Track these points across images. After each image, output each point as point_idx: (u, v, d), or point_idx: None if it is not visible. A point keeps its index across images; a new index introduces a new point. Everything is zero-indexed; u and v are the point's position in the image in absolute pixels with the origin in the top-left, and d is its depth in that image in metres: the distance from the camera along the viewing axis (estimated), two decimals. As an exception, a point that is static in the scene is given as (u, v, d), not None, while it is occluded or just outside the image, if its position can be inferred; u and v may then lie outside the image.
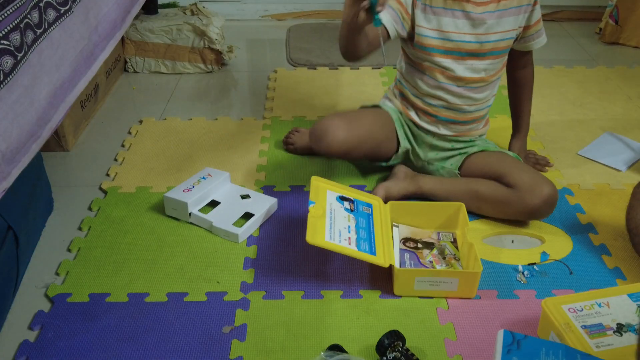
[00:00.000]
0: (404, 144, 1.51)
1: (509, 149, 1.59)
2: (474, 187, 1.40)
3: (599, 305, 1.09)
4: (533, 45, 1.43)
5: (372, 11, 1.14)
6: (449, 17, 1.35)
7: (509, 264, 1.29)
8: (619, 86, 2.06)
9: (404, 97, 1.51)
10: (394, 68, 2.11)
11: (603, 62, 2.26)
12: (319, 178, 1.34)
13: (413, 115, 1.49)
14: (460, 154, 1.48)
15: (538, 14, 1.39)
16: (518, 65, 1.50)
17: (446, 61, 1.38)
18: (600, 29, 2.46)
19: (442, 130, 1.47)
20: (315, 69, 2.19)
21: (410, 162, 1.55)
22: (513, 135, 1.60)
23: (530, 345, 0.90)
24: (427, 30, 1.37)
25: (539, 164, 1.61)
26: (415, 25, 1.37)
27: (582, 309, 1.08)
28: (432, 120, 1.47)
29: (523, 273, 1.26)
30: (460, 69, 1.39)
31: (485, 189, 1.38)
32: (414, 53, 1.42)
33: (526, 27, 1.40)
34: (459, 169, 1.46)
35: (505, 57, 1.44)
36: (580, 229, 1.40)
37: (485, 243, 1.36)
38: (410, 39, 1.40)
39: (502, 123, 1.72)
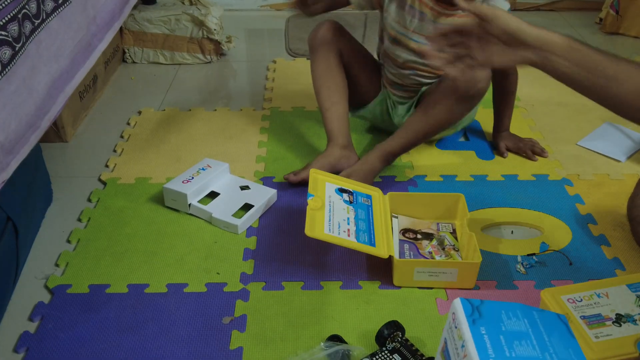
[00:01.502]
0: (383, 91, 1.59)
1: (495, 142, 1.64)
2: (418, 106, 1.47)
3: (598, 295, 1.09)
4: None
5: None
6: (411, 16, 1.42)
7: (508, 254, 1.30)
8: (619, 76, 2.06)
9: None
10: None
11: (603, 52, 2.25)
12: (318, 170, 1.34)
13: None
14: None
15: None
16: (499, 72, 1.52)
17: (397, 49, 1.48)
18: (601, 19, 2.45)
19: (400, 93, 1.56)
20: (314, 59, 2.18)
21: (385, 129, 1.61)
22: (496, 130, 1.64)
23: (490, 310, 0.84)
24: (390, 19, 1.46)
25: (533, 150, 1.61)
26: (384, 9, 1.47)
27: (581, 300, 1.08)
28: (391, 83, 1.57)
29: (522, 264, 1.26)
30: (406, 57, 1.47)
31: (426, 97, 1.45)
32: None
33: None
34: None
35: None
36: (579, 220, 1.40)
37: (485, 233, 1.36)
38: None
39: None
